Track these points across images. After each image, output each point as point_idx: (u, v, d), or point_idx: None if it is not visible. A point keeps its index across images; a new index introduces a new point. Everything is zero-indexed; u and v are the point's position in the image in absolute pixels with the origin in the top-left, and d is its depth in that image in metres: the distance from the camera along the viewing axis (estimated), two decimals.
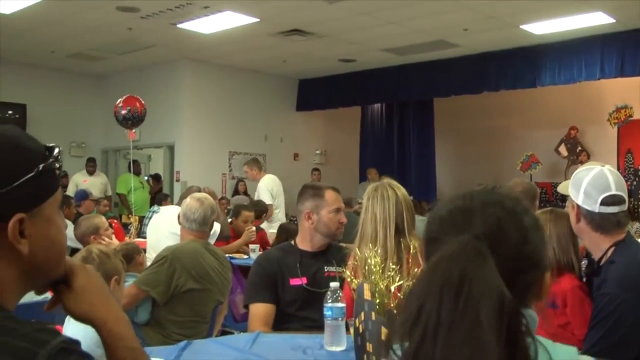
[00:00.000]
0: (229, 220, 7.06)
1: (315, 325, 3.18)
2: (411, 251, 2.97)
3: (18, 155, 1.16)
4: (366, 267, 2.14)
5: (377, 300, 2.03)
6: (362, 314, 2.08)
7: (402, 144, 15.01)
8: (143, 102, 8.98)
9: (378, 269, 2.09)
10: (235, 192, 12.62)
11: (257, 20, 9.90)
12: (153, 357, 1.88)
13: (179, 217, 4.00)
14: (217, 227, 5.09)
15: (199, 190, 6.56)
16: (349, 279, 2.43)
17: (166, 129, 12.86)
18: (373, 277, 2.07)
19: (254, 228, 6.87)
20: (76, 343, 1.08)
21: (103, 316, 1.27)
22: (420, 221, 3.42)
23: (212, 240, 4.74)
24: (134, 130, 8.95)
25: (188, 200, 3.94)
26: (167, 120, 12.74)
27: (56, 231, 1.23)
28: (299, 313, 3.36)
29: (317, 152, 15.23)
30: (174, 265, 3.65)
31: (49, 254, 1.21)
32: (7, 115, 13.07)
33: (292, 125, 14.67)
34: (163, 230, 5.33)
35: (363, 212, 3.22)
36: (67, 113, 13.88)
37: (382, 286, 2.03)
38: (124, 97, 8.93)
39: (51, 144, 1.24)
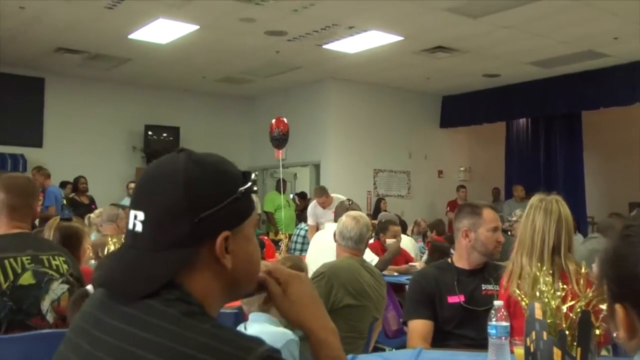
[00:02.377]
0: (376, 236, 7.09)
1: (474, 343, 3.17)
2: (567, 272, 2.92)
3: (224, 179, 1.26)
4: (538, 286, 2.12)
5: (549, 320, 2.01)
6: (533, 333, 2.07)
7: (548, 160, 14.52)
8: (287, 122, 9.23)
9: (550, 288, 2.07)
10: (377, 210, 12.67)
11: (402, 38, 9.98)
12: None
13: (334, 234, 4.09)
14: None
15: (350, 204, 6.66)
16: (519, 298, 2.42)
17: (312, 148, 13.15)
18: (545, 296, 2.05)
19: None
20: (278, 352, 1.16)
21: (311, 324, 1.38)
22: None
23: None
24: (280, 150, 9.22)
25: (344, 218, 4.02)
26: (312, 139, 13.04)
27: (253, 248, 1.33)
28: (456, 331, 3.36)
29: (462, 169, 15.08)
30: (332, 282, 3.74)
31: (247, 269, 1.31)
32: (163, 137, 13.86)
33: (436, 142, 14.61)
34: (325, 246, 5.44)
35: (524, 219, 3.19)
36: (217, 134, 14.49)
37: (553, 305, 2.01)
38: (275, 118, 9.21)
39: (246, 170, 1.34)
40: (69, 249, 3.15)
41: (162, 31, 9.76)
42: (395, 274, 6.49)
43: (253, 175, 1.32)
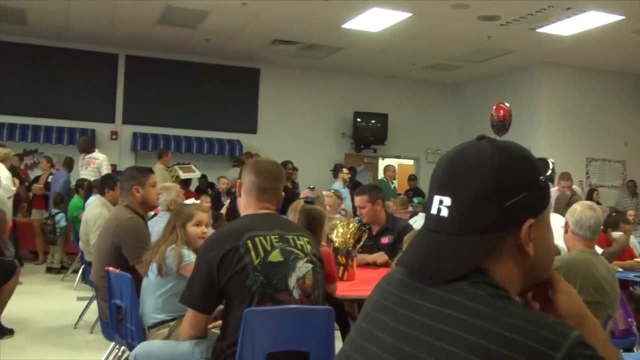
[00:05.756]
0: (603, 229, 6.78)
1: None
2: None
3: (528, 167, 1.27)
4: None
5: None
6: None
7: None
8: (508, 107, 9.00)
9: None
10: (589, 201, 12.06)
11: (622, 17, 9.46)
12: None
13: (566, 224, 3.95)
14: None
15: (573, 195, 6.43)
16: None
17: (521, 135, 12.73)
18: None
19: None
20: (582, 336, 1.14)
21: (589, 312, 1.37)
22: None
23: None
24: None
25: (579, 207, 3.87)
26: (522, 126, 12.64)
27: (551, 236, 1.32)
28: None
29: None
30: (568, 276, 3.61)
31: (545, 257, 1.31)
32: (371, 123, 14.12)
33: None
34: None
35: None
36: (423, 121, 14.55)
37: None
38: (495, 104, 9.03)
39: (543, 157, 1.33)
40: (312, 230, 3.30)
41: (375, 20, 9.98)
42: (620, 269, 6.16)
43: (551, 164, 1.31)
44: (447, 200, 1.25)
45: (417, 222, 7.12)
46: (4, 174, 8.96)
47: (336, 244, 4.31)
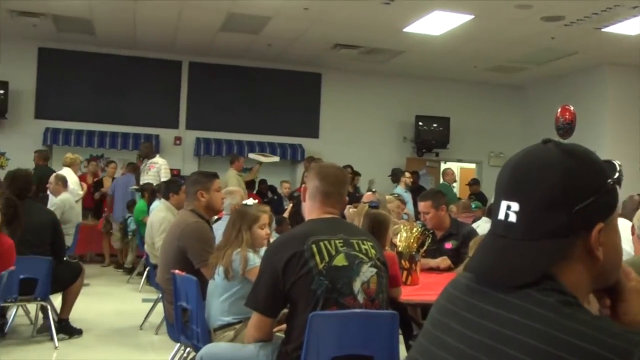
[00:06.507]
0: None
1: None
2: None
3: (596, 170, 1.24)
4: None
5: None
6: None
7: None
8: (573, 111, 8.82)
9: None
10: None
11: None
12: None
13: (632, 227, 3.86)
14: None
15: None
16: None
17: (586, 137, 12.41)
18: None
19: None
20: None
21: None
22: None
23: None
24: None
25: None
26: (587, 128, 12.36)
27: (619, 240, 1.29)
28: None
29: None
30: None
31: (615, 261, 1.29)
32: (433, 127, 14.05)
33: None
34: None
35: None
36: (486, 124, 14.38)
37: None
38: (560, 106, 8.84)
39: (609, 159, 1.30)
40: (377, 234, 3.30)
41: (437, 23, 9.95)
42: None
43: (618, 166, 1.28)
44: (515, 206, 1.23)
45: (480, 226, 7.03)
46: (72, 179, 9.22)
47: (399, 249, 4.30)
